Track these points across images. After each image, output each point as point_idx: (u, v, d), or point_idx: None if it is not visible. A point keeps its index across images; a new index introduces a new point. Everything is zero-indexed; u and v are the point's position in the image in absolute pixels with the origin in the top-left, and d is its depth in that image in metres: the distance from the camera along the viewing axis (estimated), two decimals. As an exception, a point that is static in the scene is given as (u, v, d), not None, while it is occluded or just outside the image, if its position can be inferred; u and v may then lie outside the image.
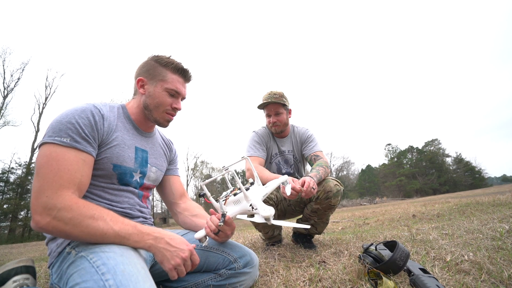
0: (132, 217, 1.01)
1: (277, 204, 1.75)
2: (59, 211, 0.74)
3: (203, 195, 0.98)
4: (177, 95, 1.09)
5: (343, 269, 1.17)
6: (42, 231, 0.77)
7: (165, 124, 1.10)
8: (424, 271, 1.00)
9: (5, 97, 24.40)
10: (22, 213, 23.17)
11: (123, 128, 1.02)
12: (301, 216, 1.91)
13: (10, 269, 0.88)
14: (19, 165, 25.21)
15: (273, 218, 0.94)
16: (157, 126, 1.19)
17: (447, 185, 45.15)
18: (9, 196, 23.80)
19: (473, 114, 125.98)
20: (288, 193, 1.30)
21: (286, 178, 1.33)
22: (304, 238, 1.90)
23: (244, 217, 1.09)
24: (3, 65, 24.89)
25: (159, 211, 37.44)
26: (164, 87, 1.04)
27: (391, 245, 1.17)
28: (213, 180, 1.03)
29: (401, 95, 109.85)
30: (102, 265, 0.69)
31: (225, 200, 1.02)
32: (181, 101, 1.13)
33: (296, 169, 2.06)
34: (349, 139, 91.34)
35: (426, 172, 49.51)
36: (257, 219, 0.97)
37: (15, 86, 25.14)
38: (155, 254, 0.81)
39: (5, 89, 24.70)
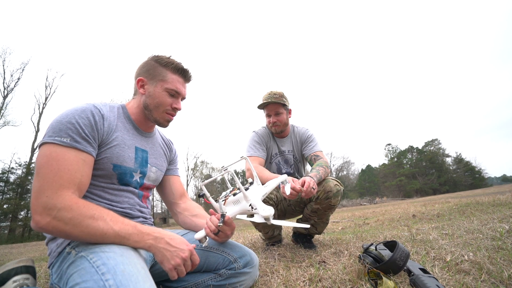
0: (132, 217, 1.01)
1: (277, 204, 1.75)
2: (59, 211, 0.74)
3: (202, 196, 0.98)
4: (177, 95, 1.09)
5: (343, 269, 1.17)
6: (42, 231, 0.77)
7: (165, 124, 1.10)
8: (424, 271, 1.00)
9: (5, 97, 24.42)
10: (22, 213, 23.18)
11: (123, 128, 1.02)
12: (301, 216, 1.91)
13: (10, 269, 0.88)
14: (19, 165, 25.24)
15: (273, 218, 0.94)
16: (157, 126, 1.19)
17: (447, 185, 45.14)
18: (9, 196, 23.80)
19: (473, 114, 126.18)
20: (288, 192, 1.30)
21: (285, 177, 1.33)
22: (304, 238, 1.90)
23: (243, 217, 1.09)
24: (3, 65, 24.94)
25: (159, 211, 37.44)
26: (164, 87, 1.05)
27: (391, 245, 1.17)
28: (212, 181, 1.03)
29: (401, 95, 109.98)
30: (102, 265, 0.69)
31: (225, 200, 1.02)
32: (181, 101, 1.13)
33: (296, 169, 2.06)
34: (349, 139, 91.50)
35: (426, 172, 49.51)
36: (257, 219, 0.97)
37: (15, 86, 25.19)
38: (155, 254, 0.81)
39: (5, 89, 24.74)
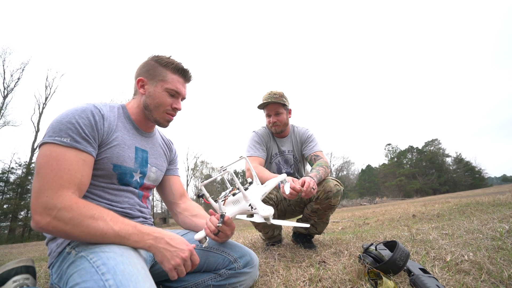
0: (132, 217, 1.01)
1: (277, 204, 1.75)
2: (59, 211, 0.74)
3: (202, 196, 0.98)
4: (177, 95, 1.09)
5: (343, 269, 1.17)
6: (42, 231, 0.77)
7: (165, 124, 1.11)
8: (424, 271, 1.00)
9: (5, 97, 24.42)
10: (22, 213, 23.18)
11: (123, 128, 1.02)
12: (301, 216, 1.91)
13: (10, 269, 0.88)
14: (19, 165, 25.24)
15: (273, 217, 0.94)
16: (157, 126, 1.19)
17: (447, 185, 45.14)
18: (9, 196, 23.80)
19: (473, 114, 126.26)
20: (287, 191, 1.30)
21: (284, 176, 1.32)
22: (304, 238, 1.90)
23: (243, 217, 1.09)
24: (3, 65, 24.93)
25: (159, 211, 37.43)
26: (164, 87, 1.05)
27: (391, 245, 1.17)
28: (212, 181, 1.03)
29: (401, 95, 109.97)
30: (102, 265, 0.69)
31: (224, 200, 1.01)
32: (181, 101, 1.13)
33: (296, 169, 2.06)
34: (349, 139, 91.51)
35: (426, 172, 49.51)
36: (257, 219, 0.97)
37: (15, 86, 25.19)
38: (155, 254, 0.81)
39: (5, 89, 24.74)
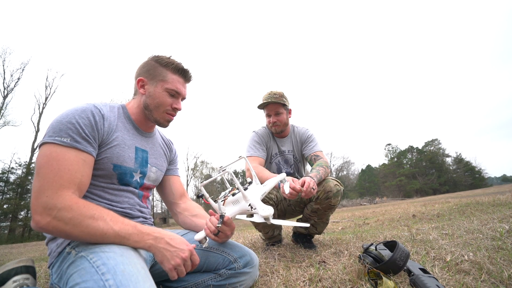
0: (132, 217, 1.01)
1: (277, 204, 1.75)
2: (59, 211, 0.74)
3: (201, 196, 0.97)
4: (177, 95, 1.09)
5: (343, 269, 1.17)
6: (42, 231, 0.77)
7: (165, 124, 1.11)
8: (424, 271, 1.00)
9: (5, 97, 24.41)
10: (22, 213, 23.17)
11: (123, 128, 1.02)
12: (301, 216, 1.91)
13: (10, 269, 0.88)
14: (19, 165, 25.23)
15: (273, 217, 0.94)
16: (157, 126, 1.19)
17: (447, 185, 45.14)
18: (9, 196, 23.79)
19: (473, 114, 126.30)
20: (287, 191, 1.30)
21: (284, 176, 1.32)
22: (304, 238, 1.90)
23: (243, 217, 1.09)
24: (3, 65, 24.92)
25: (159, 211, 37.43)
26: (165, 87, 1.05)
27: (391, 245, 1.17)
28: (211, 181, 1.03)
29: (401, 95, 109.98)
30: (102, 265, 0.69)
31: (224, 200, 1.01)
32: (181, 101, 1.13)
33: (296, 169, 2.06)
34: (349, 139, 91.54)
35: (426, 172, 49.50)
36: (257, 219, 0.97)
37: (15, 86, 25.17)
38: (155, 254, 0.81)
39: (5, 89, 24.73)
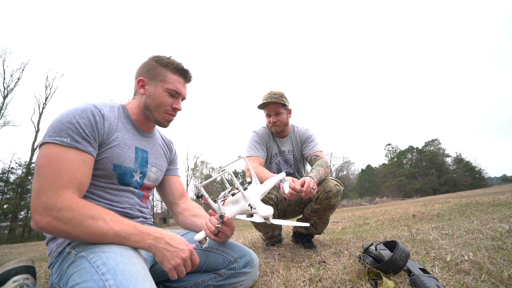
0: (132, 217, 1.01)
1: (277, 204, 1.75)
2: (59, 211, 0.74)
3: (201, 196, 0.97)
4: (178, 96, 1.09)
5: (343, 269, 1.17)
6: (42, 231, 0.77)
7: (165, 124, 1.11)
8: (424, 271, 1.00)
9: (5, 97, 24.40)
10: (22, 213, 23.18)
11: (124, 128, 1.02)
12: (301, 216, 1.91)
13: (10, 269, 0.88)
14: (19, 165, 25.23)
15: (272, 217, 0.93)
16: (157, 126, 1.19)
17: (447, 185, 45.14)
18: (9, 196, 23.80)
19: (473, 114, 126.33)
20: (286, 190, 1.30)
21: (283, 175, 1.32)
22: (304, 238, 1.90)
23: (243, 217, 1.09)
24: (3, 65, 24.91)
25: (159, 211, 37.43)
26: (165, 87, 1.05)
27: (391, 245, 1.17)
28: (211, 182, 1.02)
29: (401, 95, 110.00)
30: (102, 265, 0.69)
31: (223, 200, 1.01)
32: (181, 102, 1.13)
33: (296, 169, 2.06)
34: (349, 139, 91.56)
35: (426, 172, 49.50)
36: (256, 219, 0.97)
37: (15, 86, 25.16)
38: (155, 254, 0.81)
39: (5, 89, 24.72)
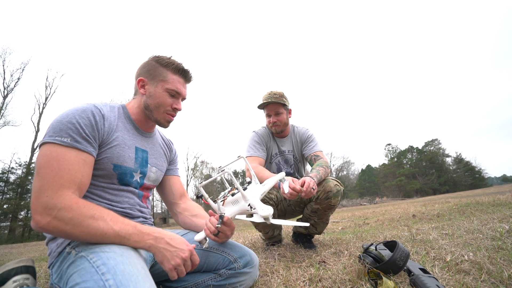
0: (132, 217, 1.01)
1: (277, 204, 1.75)
2: (59, 211, 0.74)
3: (200, 197, 0.97)
4: (178, 96, 1.09)
5: (343, 269, 1.17)
6: (43, 231, 0.77)
7: (165, 124, 1.11)
8: (424, 271, 1.00)
9: (5, 97, 24.39)
10: (22, 213, 23.18)
11: (124, 128, 1.02)
12: (301, 216, 1.91)
13: (10, 269, 0.88)
14: (19, 165, 25.24)
15: (272, 217, 0.93)
16: (157, 126, 1.19)
17: (447, 185, 45.14)
18: (9, 196, 23.80)
19: (473, 114, 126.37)
20: (286, 190, 1.30)
21: (283, 175, 1.32)
22: (304, 238, 1.90)
23: (243, 217, 1.09)
24: (3, 65, 24.89)
25: (159, 211, 37.42)
26: (165, 87, 1.05)
27: (391, 245, 1.17)
28: (210, 182, 1.02)
29: (401, 95, 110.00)
30: (102, 265, 0.69)
31: (223, 201, 1.01)
32: (181, 102, 1.13)
33: (296, 169, 2.06)
34: (349, 139, 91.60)
35: (426, 172, 49.50)
36: (256, 219, 0.97)
37: (15, 86, 25.14)
38: (155, 254, 0.81)
39: (5, 89, 24.71)
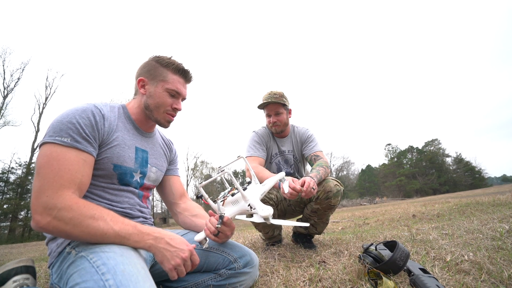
0: (132, 217, 1.01)
1: (277, 204, 1.75)
2: (59, 211, 0.74)
3: (200, 197, 0.97)
4: (178, 96, 1.09)
5: (343, 269, 1.17)
6: (43, 231, 0.77)
7: (166, 124, 1.11)
8: (424, 271, 1.00)
9: (5, 97, 24.38)
10: (22, 213, 23.18)
11: (124, 128, 1.02)
12: (301, 216, 1.91)
13: (10, 269, 0.88)
14: (19, 165, 25.23)
15: (272, 217, 0.93)
16: (157, 126, 1.19)
17: (447, 185, 45.14)
18: (9, 196, 23.80)
19: (473, 114, 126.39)
20: (286, 190, 1.30)
21: (283, 175, 1.32)
22: (304, 238, 1.90)
23: (243, 217, 1.09)
24: (3, 65, 24.88)
25: (159, 211, 37.42)
26: (165, 87, 1.05)
27: (391, 245, 1.17)
28: (210, 182, 1.02)
29: (401, 95, 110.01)
30: (102, 265, 0.69)
31: (223, 201, 1.01)
32: (181, 102, 1.13)
33: (296, 169, 2.06)
34: (349, 139, 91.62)
35: (426, 172, 49.50)
36: (256, 219, 0.97)
37: (15, 86, 25.13)
38: (155, 254, 0.81)
39: (5, 89, 24.70)
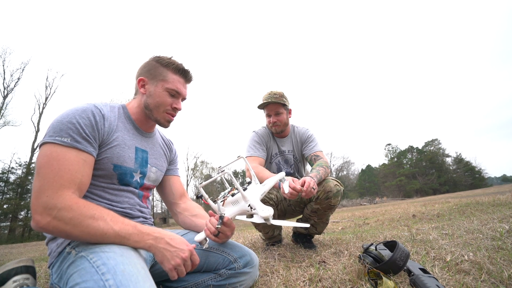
0: (132, 217, 1.01)
1: (277, 204, 1.75)
2: (59, 211, 0.74)
3: (200, 197, 0.97)
4: (178, 96, 1.09)
5: (343, 269, 1.17)
6: (43, 231, 0.77)
7: (166, 124, 1.11)
8: (424, 271, 1.00)
9: (5, 97, 24.37)
10: (22, 213, 23.17)
11: (124, 128, 1.02)
12: (301, 216, 1.92)
13: (10, 269, 0.88)
14: (19, 165, 25.22)
15: (272, 218, 0.93)
16: (157, 126, 1.19)
17: (447, 185, 45.15)
18: (9, 196, 23.79)
19: (473, 114, 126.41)
20: (286, 190, 1.30)
21: (283, 175, 1.31)
22: (304, 238, 1.90)
23: (243, 217, 1.09)
24: (3, 65, 24.86)
25: (159, 211, 37.43)
26: (165, 87, 1.05)
27: (391, 245, 1.17)
28: (210, 182, 1.02)
29: (401, 95, 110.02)
30: (102, 265, 0.69)
31: (223, 201, 1.01)
32: (181, 102, 1.13)
33: (296, 169, 2.06)
34: (349, 139, 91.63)
35: (426, 172, 49.51)
36: (256, 219, 0.97)
37: (15, 86, 25.11)
38: (155, 254, 0.81)
39: (5, 89, 24.69)
